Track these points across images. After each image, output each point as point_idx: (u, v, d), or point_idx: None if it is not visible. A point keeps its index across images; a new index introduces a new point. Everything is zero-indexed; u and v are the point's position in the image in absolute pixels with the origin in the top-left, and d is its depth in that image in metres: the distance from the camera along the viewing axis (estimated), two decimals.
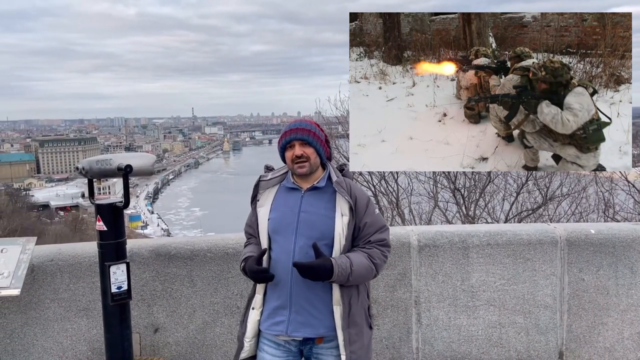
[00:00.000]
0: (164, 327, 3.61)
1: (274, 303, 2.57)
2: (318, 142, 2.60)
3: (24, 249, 3.22)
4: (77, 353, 3.52)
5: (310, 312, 2.52)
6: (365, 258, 2.53)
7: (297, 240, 2.51)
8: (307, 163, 2.56)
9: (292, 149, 2.57)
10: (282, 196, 2.64)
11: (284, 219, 2.57)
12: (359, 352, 2.55)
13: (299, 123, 2.64)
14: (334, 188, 2.58)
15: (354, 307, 2.56)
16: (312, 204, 2.57)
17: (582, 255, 3.77)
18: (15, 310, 3.42)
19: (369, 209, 2.60)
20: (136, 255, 3.53)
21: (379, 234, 2.61)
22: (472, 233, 3.76)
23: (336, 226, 2.51)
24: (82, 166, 3.06)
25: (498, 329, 3.78)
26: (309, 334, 2.53)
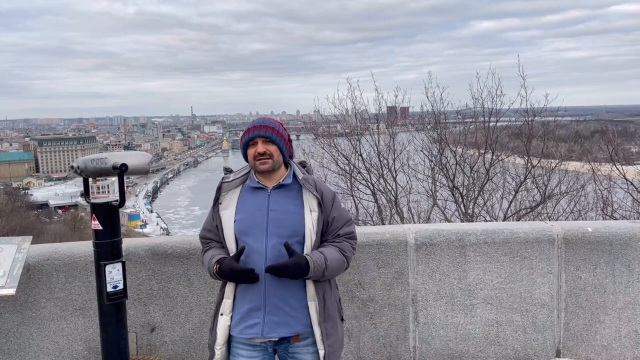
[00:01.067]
0: (160, 326, 3.60)
1: (246, 306, 2.55)
2: (281, 140, 2.60)
3: (20, 248, 3.20)
4: (74, 352, 3.51)
5: (285, 311, 2.52)
6: (337, 252, 2.56)
7: (269, 240, 2.50)
8: (269, 160, 2.55)
9: (255, 146, 2.57)
10: (247, 196, 2.60)
11: (253, 219, 2.54)
12: (335, 345, 2.60)
13: (262, 121, 2.64)
14: (299, 185, 2.60)
15: (328, 301, 2.59)
16: (280, 202, 2.56)
17: (579, 253, 3.76)
18: (11, 309, 3.41)
19: (335, 204, 2.63)
20: (132, 254, 3.52)
21: (346, 227, 2.65)
22: (469, 231, 3.75)
23: (306, 222, 2.53)
24: (77, 165, 3.04)
25: (495, 327, 3.77)
26: (285, 333, 2.54)
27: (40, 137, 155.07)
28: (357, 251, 3.63)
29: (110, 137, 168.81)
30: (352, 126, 12.88)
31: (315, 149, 12.69)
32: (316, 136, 13.22)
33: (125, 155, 3.12)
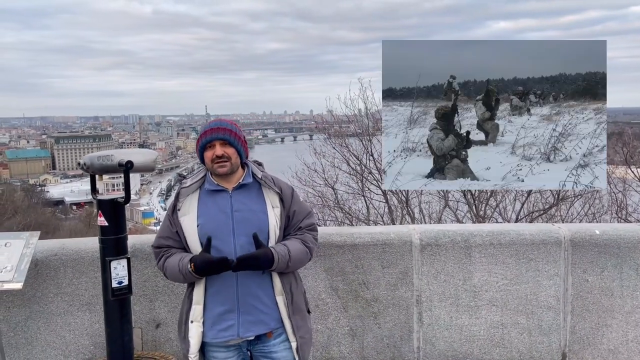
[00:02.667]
0: (165, 323, 3.63)
1: (217, 309, 2.57)
2: (238, 141, 2.60)
3: (27, 243, 3.25)
4: (80, 347, 3.55)
5: (259, 309, 2.56)
6: (300, 243, 2.61)
7: (237, 240, 2.53)
8: (228, 163, 2.56)
9: (212, 149, 2.56)
10: (207, 200, 2.61)
11: (217, 221, 2.55)
12: (306, 336, 2.66)
13: (219, 123, 2.63)
14: (259, 183, 2.63)
15: (295, 294, 2.64)
16: (243, 202, 2.58)
17: (586, 256, 3.73)
18: (19, 304, 3.46)
19: (295, 198, 2.68)
20: (138, 251, 3.55)
21: (307, 219, 2.70)
22: (474, 232, 3.73)
23: (270, 219, 2.57)
24: (84, 162, 3.09)
25: (500, 329, 3.75)
26: (261, 331, 2.58)
27: (56, 135, 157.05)
28: (361, 251, 3.64)
29: (125, 135, 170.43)
30: (364, 126, 12.87)
31: (326, 149, 12.70)
32: (328, 136, 13.23)
33: (131, 153, 3.15)
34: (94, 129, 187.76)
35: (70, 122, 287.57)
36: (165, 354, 3.57)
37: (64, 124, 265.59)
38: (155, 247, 2.72)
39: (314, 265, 3.61)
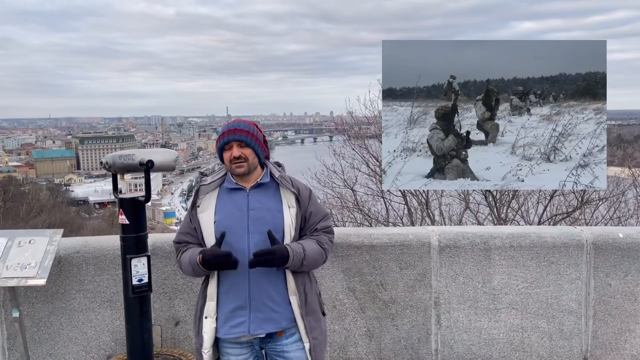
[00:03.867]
0: (184, 321, 3.67)
1: (229, 306, 2.59)
2: (256, 142, 2.63)
3: (51, 240, 3.32)
4: (101, 343, 3.61)
5: (270, 307, 2.57)
6: (315, 243, 2.62)
7: (251, 238, 2.55)
8: (245, 163, 2.60)
9: (230, 150, 2.61)
10: (225, 198, 2.65)
11: (233, 219, 2.59)
12: (320, 337, 2.65)
13: (236, 124, 2.66)
14: (277, 183, 2.65)
15: (309, 295, 2.65)
16: (260, 201, 2.62)
17: (609, 260, 3.66)
18: (42, 299, 3.54)
19: (312, 199, 2.69)
20: (159, 249, 3.60)
21: (323, 221, 2.71)
22: (494, 234, 3.69)
23: (285, 218, 2.59)
24: (106, 161, 3.14)
25: (520, 332, 3.70)
26: (272, 329, 2.58)
27: (81, 135, 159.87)
28: (379, 252, 3.63)
29: (148, 136, 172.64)
30: None
31: (346, 150, 12.68)
32: (348, 137, 13.21)
33: (152, 152, 3.19)
34: (118, 130, 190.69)
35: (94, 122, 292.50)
36: (184, 351, 3.60)
37: (88, 124, 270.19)
38: (175, 242, 2.78)
39: (331, 266, 3.61)
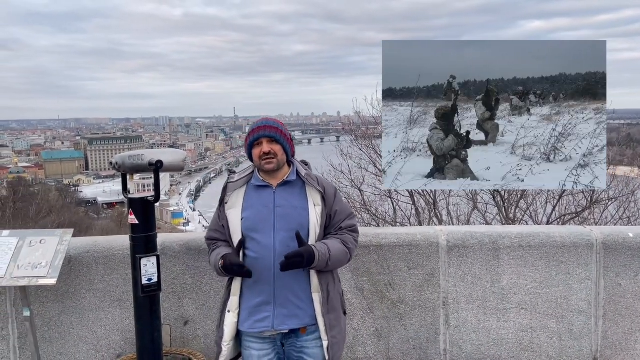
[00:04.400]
0: (193, 320, 3.69)
1: (254, 300, 2.63)
2: (285, 139, 2.68)
3: (61, 240, 3.34)
4: (111, 342, 3.63)
5: (295, 303, 2.61)
6: (340, 243, 2.65)
7: (277, 235, 2.59)
8: (274, 159, 2.64)
9: (260, 146, 2.66)
10: (252, 195, 2.69)
11: (260, 215, 2.62)
12: (339, 336, 2.68)
13: (266, 121, 2.71)
14: (303, 181, 2.68)
15: (332, 293, 2.67)
16: (286, 198, 2.65)
17: (619, 260, 3.64)
18: (53, 299, 3.56)
19: (337, 198, 2.72)
20: (168, 249, 3.62)
21: (348, 220, 2.74)
22: (503, 234, 3.68)
23: (311, 217, 2.62)
24: (116, 161, 3.16)
25: (529, 333, 3.69)
26: (295, 325, 2.61)
27: (90, 136, 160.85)
28: (387, 252, 3.63)
29: (156, 136, 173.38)
30: None
31: (353, 151, 12.68)
32: (355, 137, 13.21)
33: (161, 153, 3.21)
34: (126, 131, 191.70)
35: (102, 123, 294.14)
36: (193, 350, 3.62)
37: (96, 125, 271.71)
38: (206, 238, 2.87)
39: None
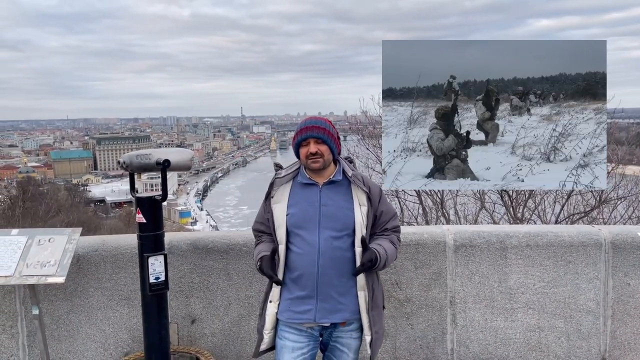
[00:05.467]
0: (200, 319, 3.70)
1: (296, 293, 2.68)
2: (331, 139, 2.70)
3: (70, 239, 3.37)
4: (119, 340, 3.66)
5: (337, 299, 2.65)
6: (390, 243, 2.72)
7: (321, 233, 2.63)
8: (321, 159, 2.67)
9: (307, 146, 2.68)
10: (298, 192, 2.73)
11: (305, 213, 2.66)
12: (380, 331, 2.77)
13: (314, 121, 2.74)
14: (348, 181, 2.71)
15: (377, 291, 2.74)
16: (331, 197, 2.68)
17: (628, 259, 3.61)
18: (61, 297, 3.59)
19: (382, 199, 2.76)
20: (175, 247, 3.63)
21: (393, 221, 2.80)
22: (510, 233, 3.67)
23: (356, 217, 2.65)
24: (124, 160, 3.18)
25: (537, 332, 3.67)
26: (337, 319, 2.68)
27: (98, 136, 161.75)
28: None
29: (163, 136, 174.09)
30: None
31: (360, 150, 12.66)
32: (362, 137, 13.19)
33: (169, 152, 3.23)
34: (134, 131, 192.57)
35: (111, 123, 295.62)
36: (200, 349, 3.63)
37: (105, 125, 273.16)
38: (253, 229, 2.93)
39: None
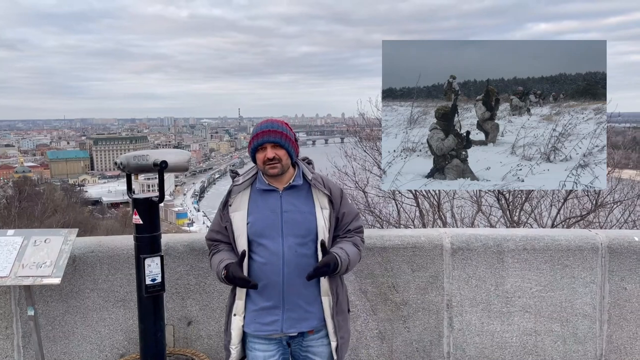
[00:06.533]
0: (197, 320, 3.69)
1: (261, 304, 2.61)
2: (289, 143, 2.62)
3: (66, 240, 3.35)
4: (114, 342, 3.64)
5: (303, 307, 2.60)
6: (353, 246, 2.66)
7: (285, 241, 2.56)
8: (279, 164, 2.58)
9: (264, 151, 2.59)
10: (258, 198, 2.65)
11: (267, 220, 2.59)
12: (346, 336, 2.71)
13: (270, 125, 2.63)
14: (308, 184, 2.65)
15: (341, 296, 2.69)
16: (293, 203, 2.62)
17: (624, 264, 3.62)
18: (57, 298, 3.57)
19: (344, 199, 2.70)
20: (172, 249, 3.62)
21: (355, 221, 2.74)
22: (507, 237, 3.67)
23: (318, 221, 2.60)
24: (121, 161, 3.17)
25: (533, 336, 3.67)
26: (304, 328, 2.62)
27: (95, 136, 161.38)
28: (391, 254, 3.63)
29: (161, 137, 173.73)
30: None
31: (357, 152, 12.67)
32: (359, 139, 13.20)
33: (166, 153, 3.22)
34: (131, 131, 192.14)
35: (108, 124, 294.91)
36: (196, 351, 3.62)
37: (102, 125, 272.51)
38: (207, 239, 2.82)
39: None
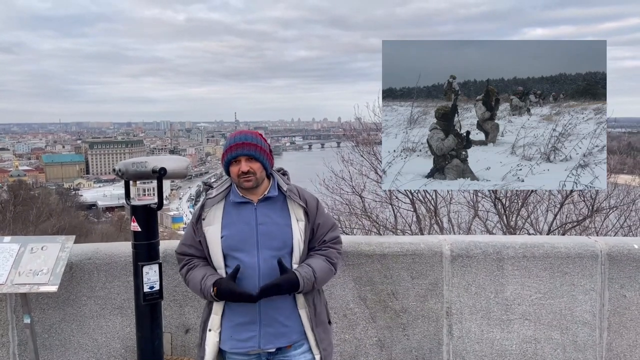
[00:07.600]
0: (194, 328, 3.66)
1: (238, 320, 2.55)
2: (264, 155, 2.57)
3: (63, 247, 3.33)
4: (111, 350, 3.61)
5: (281, 322, 2.54)
6: (324, 261, 2.59)
7: (260, 254, 2.51)
8: (253, 177, 2.53)
9: (238, 164, 2.53)
10: (232, 211, 2.59)
11: (242, 234, 2.53)
12: (328, 348, 2.65)
13: (243, 137, 2.57)
14: (284, 195, 2.60)
15: (319, 307, 2.63)
16: (268, 215, 2.56)
17: (624, 271, 3.62)
18: (53, 306, 3.54)
19: (320, 210, 2.65)
20: (170, 256, 3.58)
21: (331, 232, 2.67)
22: (507, 244, 3.66)
23: (294, 233, 2.55)
24: (119, 168, 3.15)
25: (533, 344, 3.66)
26: (282, 343, 2.56)
27: (91, 140, 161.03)
28: (390, 261, 3.61)
29: (157, 141, 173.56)
30: None
31: (354, 157, 12.67)
32: (356, 144, 13.20)
33: (165, 160, 3.20)
34: (127, 135, 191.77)
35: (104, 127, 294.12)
36: (194, 359, 3.59)
37: (98, 129, 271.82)
38: (178, 253, 2.74)
39: (342, 275, 3.59)
